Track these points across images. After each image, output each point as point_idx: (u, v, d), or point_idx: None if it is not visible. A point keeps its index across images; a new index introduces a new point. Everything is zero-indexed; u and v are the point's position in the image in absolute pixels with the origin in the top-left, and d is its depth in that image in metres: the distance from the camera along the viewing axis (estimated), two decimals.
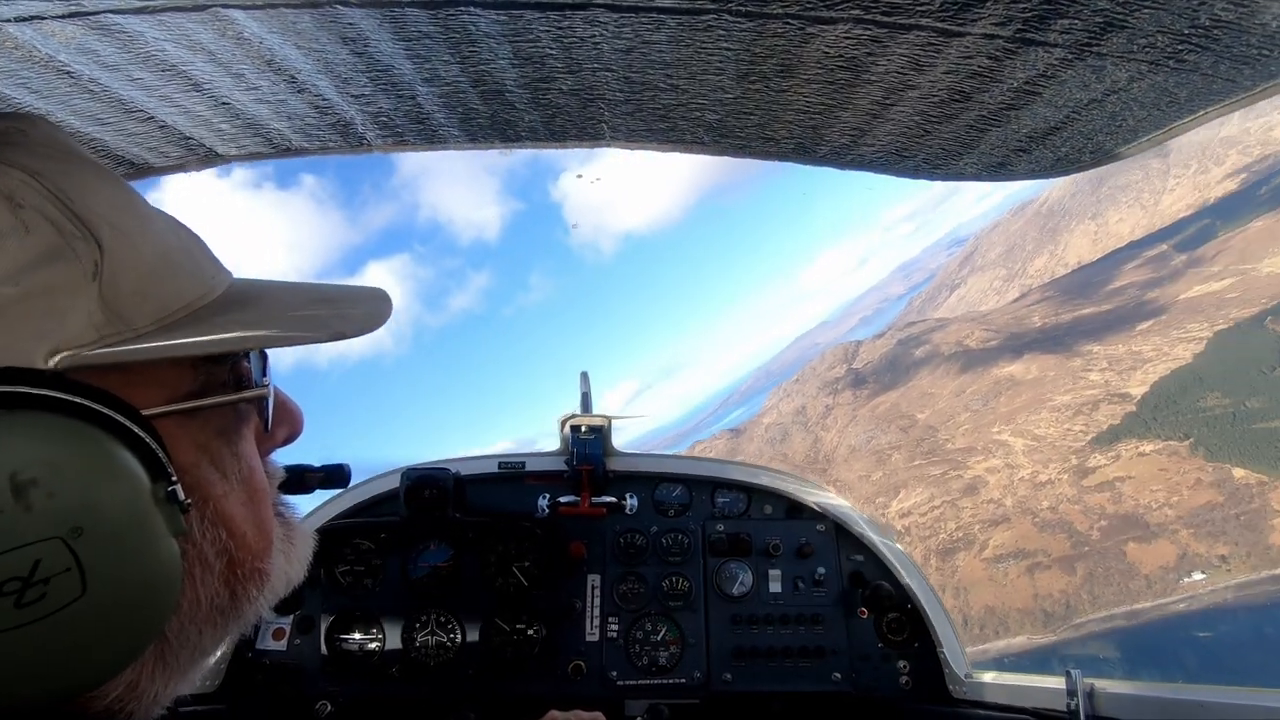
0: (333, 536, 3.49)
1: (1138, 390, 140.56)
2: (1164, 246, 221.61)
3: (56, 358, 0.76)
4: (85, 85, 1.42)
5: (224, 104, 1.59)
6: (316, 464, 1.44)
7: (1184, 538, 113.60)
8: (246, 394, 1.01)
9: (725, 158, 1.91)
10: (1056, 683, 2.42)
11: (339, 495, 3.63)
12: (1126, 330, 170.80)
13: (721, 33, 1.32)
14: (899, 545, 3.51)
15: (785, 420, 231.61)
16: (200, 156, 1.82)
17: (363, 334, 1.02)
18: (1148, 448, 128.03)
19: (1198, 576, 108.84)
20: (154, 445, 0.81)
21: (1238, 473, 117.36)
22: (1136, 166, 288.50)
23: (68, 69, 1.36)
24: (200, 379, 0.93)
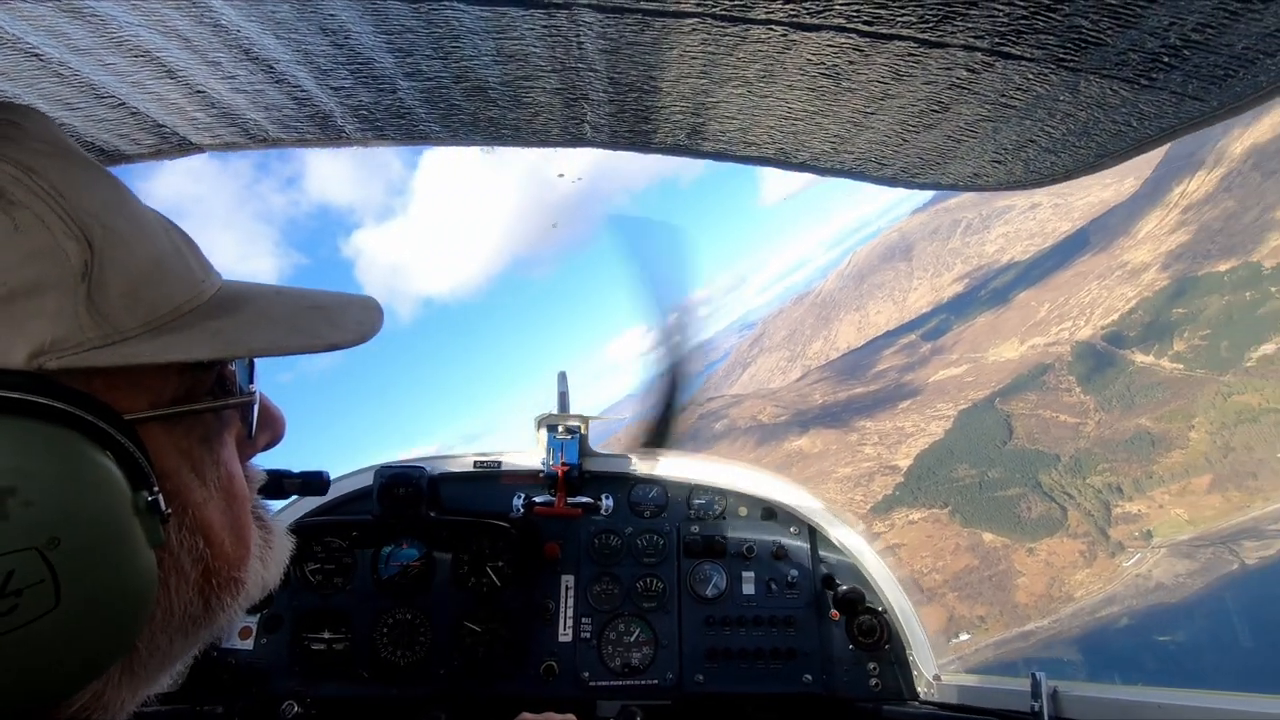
0: (304, 534, 3.43)
1: (904, 463, 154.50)
2: (913, 336, 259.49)
3: (40, 360, 0.75)
4: (54, 69, 1.39)
5: (199, 92, 1.56)
6: (294, 470, 1.42)
7: (950, 600, 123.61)
8: (232, 400, 0.99)
9: (707, 161, 1.92)
10: (1021, 684, 2.45)
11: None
12: (891, 408, 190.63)
13: (705, 36, 1.32)
14: (872, 550, 3.52)
15: None
16: (174, 145, 1.79)
17: (355, 344, 1.01)
18: (916, 516, 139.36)
19: (964, 637, 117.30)
20: (136, 453, 0.80)
21: (987, 537, 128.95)
22: (888, 267, 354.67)
23: (36, 51, 1.33)
24: (185, 384, 0.91)
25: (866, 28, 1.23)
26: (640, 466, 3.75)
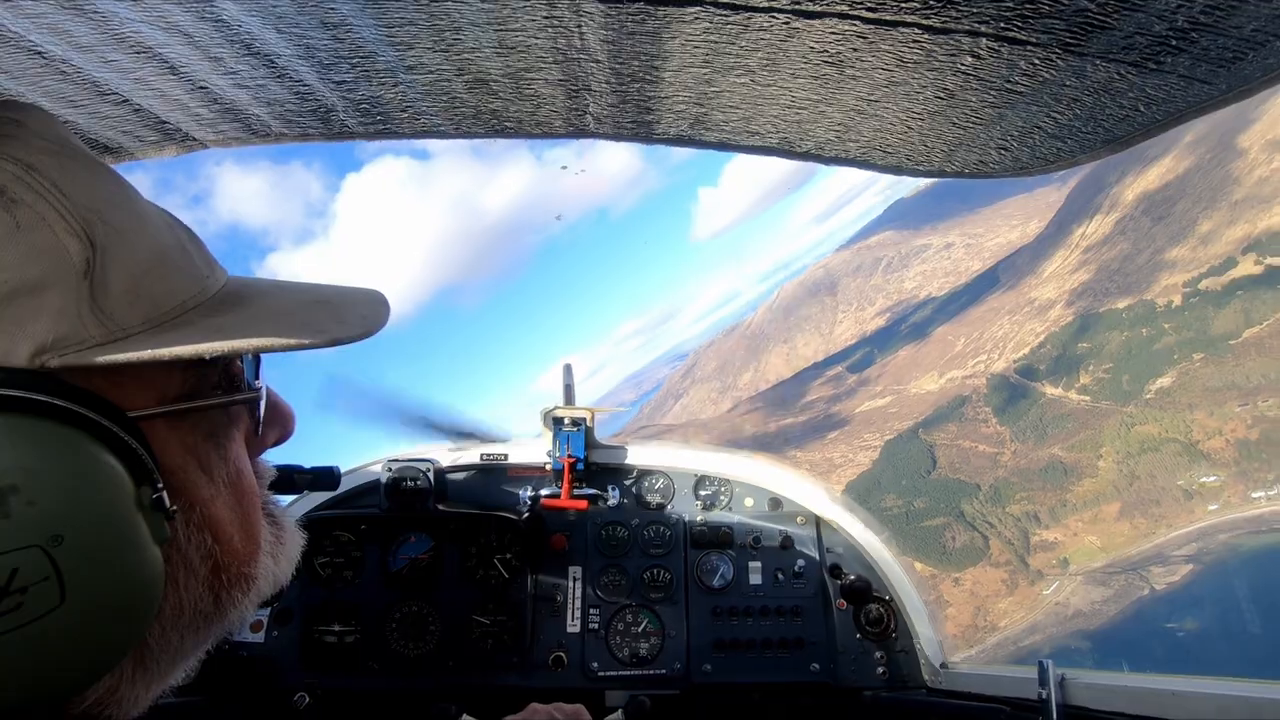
0: (313, 528, 3.43)
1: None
2: (839, 368, 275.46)
3: (42, 358, 0.75)
4: (57, 66, 1.39)
5: (202, 88, 1.56)
6: (305, 465, 1.42)
7: None
8: (238, 397, 0.99)
9: (707, 151, 1.91)
10: (1029, 672, 2.46)
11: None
12: (820, 439, 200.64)
13: (707, 25, 1.32)
14: (878, 539, 3.55)
15: None
16: (177, 141, 1.79)
17: (360, 339, 1.00)
18: None
19: None
20: (140, 450, 0.80)
21: (918, 566, 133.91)
22: (815, 301, 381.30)
23: (39, 49, 1.33)
24: (191, 380, 0.91)
25: (870, 15, 1.23)
26: (646, 458, 3.76)
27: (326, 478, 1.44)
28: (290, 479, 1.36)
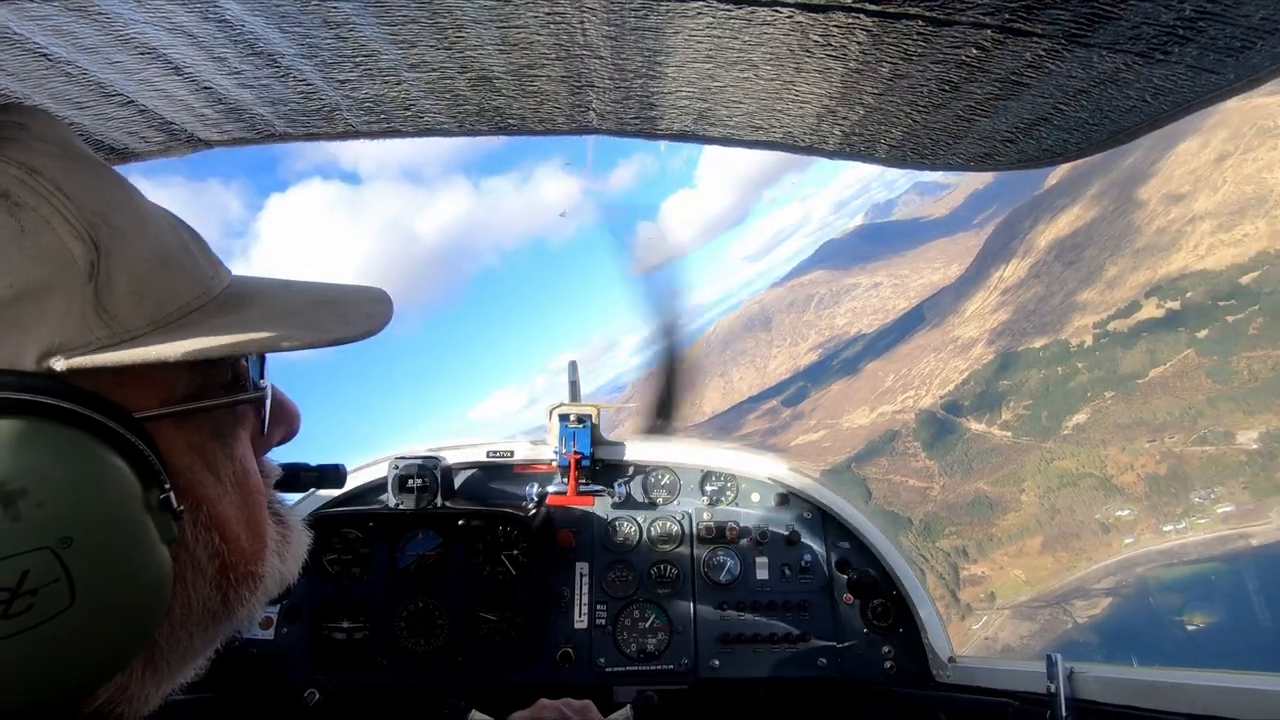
0: (321, 525, 3.43)
1: None
2: (774, 402, 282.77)
3: (49, 360, 0.75)
4: (62, 68, 1.38)
5: (206, 88, 1.56)
6: (312, 463, 1.40)
7: None
8: (244, 396, 1.00)
9: (713, 147, 1.91)
10: (1037, 665, 2.46)
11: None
12: None
13: (711, 20, 1.32)
14: (885, 534, 3.57)
15: None
16: (183, 142, 1.79)
17: (363, 338, 1.01)
18: None
19: None
20: (147, 451, 0.80)
21: None
22: (750, 336, 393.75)
23: (44, 51, 1.32)
24: (197, 380, 0.92)
25: (874, 8, 1.23)
26: (652, 454, 3.77)
27: (332, 476, 1.42)
28: (296, 477, 1.34)
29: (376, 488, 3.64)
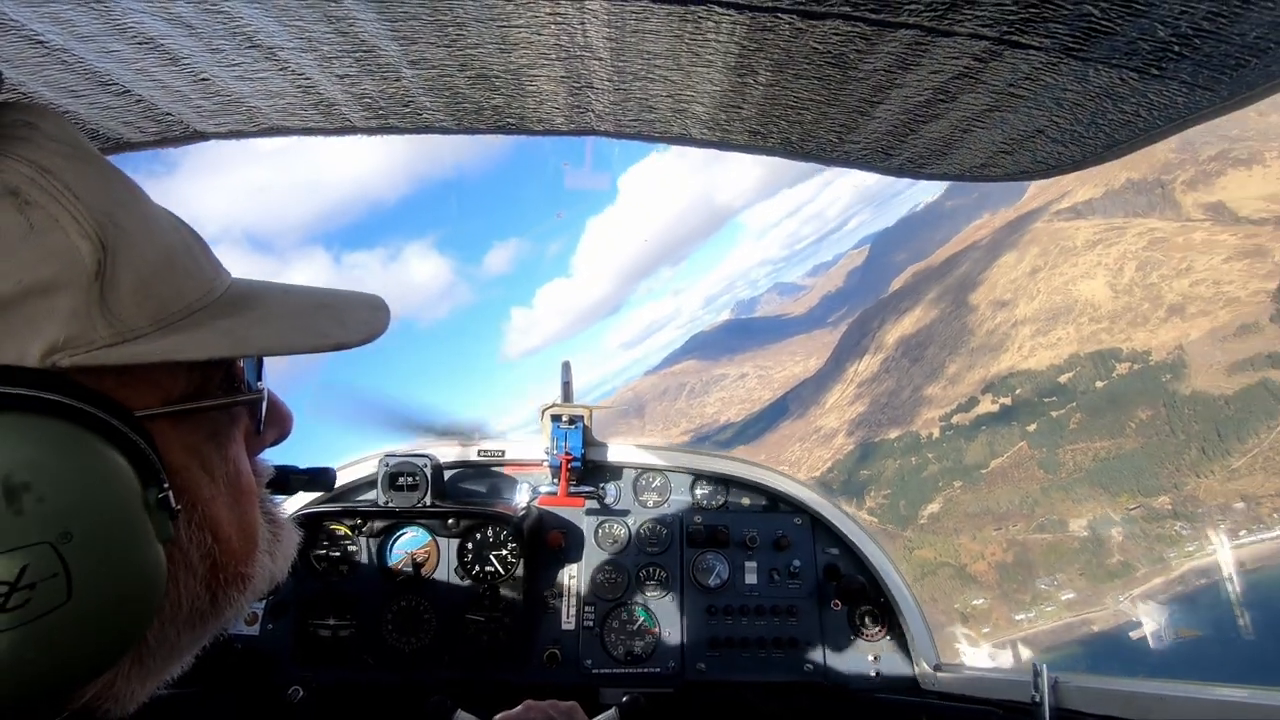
0: (309, 522, 3.45)
1: None
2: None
3: (53, 358, 0.75)
4: (59, 56, 1.38)
5: (203, 80, 1.55)
6: (301, 466, 1.42)
7: None
8: (241, 398, 1.00)
9: (711, 151, 1.91)
10: (1023, 675, 2.46)
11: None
12: None
13: (710, 25, 1.32)
14: (874, 540, 3.56)
15: None
16: (179, 133, 1.78)
17: (362, 344, 1.02)
18: None
19: None
20: (147, 449, 0.80)
21: None
22: (623, 423, 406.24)
23: (41, 38, 1.32)
24: (195, 381, 0.92)
25: (873, 16, 1.23)
26: (643, 456, 3.76)
27: (322, 479, 1.44)
28: (286, 479, 1.35)
29: (367, 484, 3.63)
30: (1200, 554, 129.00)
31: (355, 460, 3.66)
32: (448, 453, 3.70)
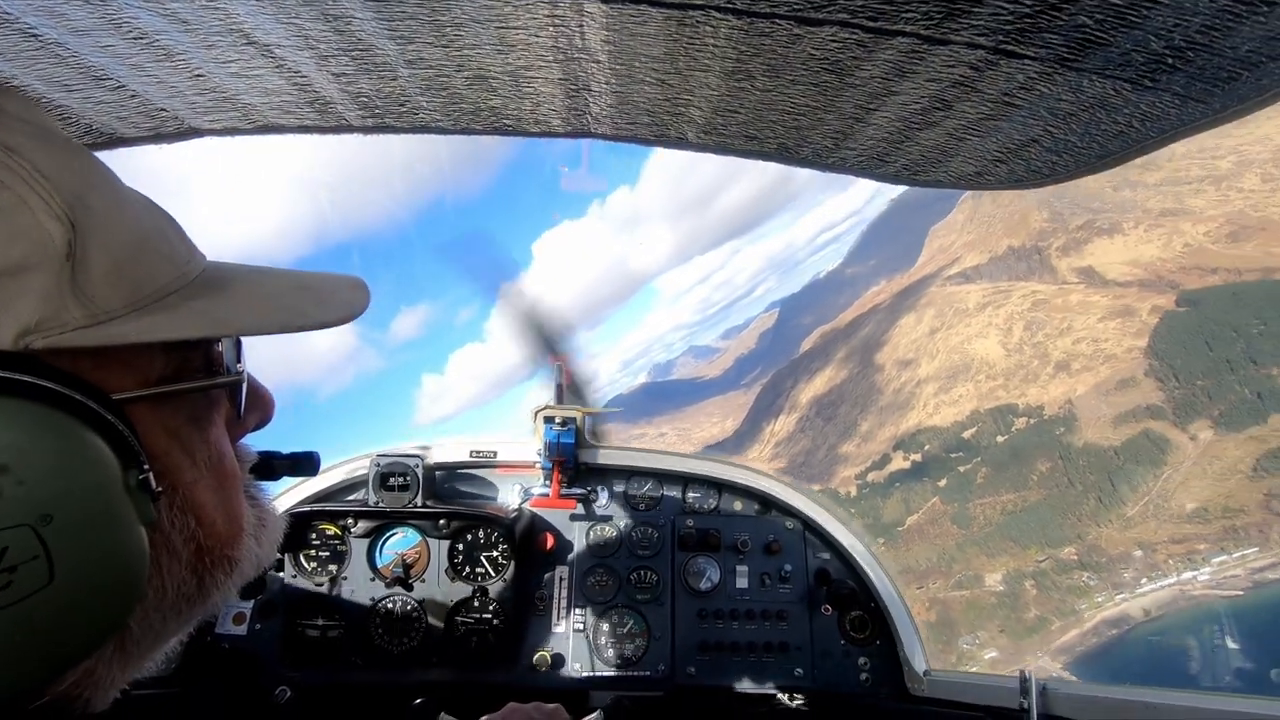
0: (299, 521, 3.43)
1: None
2: None
3: (26, 339, 0.75)
4: (53, 50, 1.37)
5: (198, 76, 1.54)
6: (284, 450, 1.41)
7: None
8: (220, 380, 1.00)
9: (708, 155, 1.91)
10: (1011, 681, 2.48)
11: (307, 479, 3.56)
12: None
13: (708, 29, 1.32)
14: (865, 545, 3.55)
15: None
16: (173, 129, 1.77)
17: (341, 324, 1.01)
18: None
19: None
20: (126, 431, 0.80)
21: None
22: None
23: (34, 32, 1.31)
24: (173, 364, 0.91)
25: (870, 23, 1.24)
26: (636, 459, 3.75)
27: (306, 463, 1.43)
28: (270, 464, 1.34)
29: (357, 484, 3.62)
30: (1109, 604, 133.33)
31: (346, 460, 3.63)
32: (440, 453, 3.68)
